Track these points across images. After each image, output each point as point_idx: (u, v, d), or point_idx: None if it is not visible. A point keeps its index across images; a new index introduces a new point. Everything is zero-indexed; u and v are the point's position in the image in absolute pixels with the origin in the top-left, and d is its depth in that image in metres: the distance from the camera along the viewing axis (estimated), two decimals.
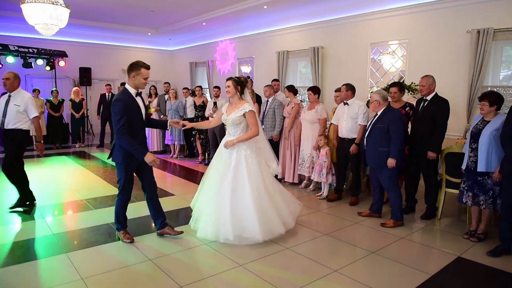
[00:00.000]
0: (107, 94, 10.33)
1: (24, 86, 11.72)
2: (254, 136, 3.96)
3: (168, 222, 4.09)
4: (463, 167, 4.09)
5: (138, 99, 3.68)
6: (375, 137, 4.41)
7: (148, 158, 3.52)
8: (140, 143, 3.61)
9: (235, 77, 4.08)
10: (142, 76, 3.62)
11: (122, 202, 3.80)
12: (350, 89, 5.21)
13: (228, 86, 4.01)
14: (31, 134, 9.75)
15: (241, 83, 4.03)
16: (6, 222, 4.46)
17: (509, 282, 3.24)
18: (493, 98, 3.84)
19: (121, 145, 3.56)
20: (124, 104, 3.47)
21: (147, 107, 3.83)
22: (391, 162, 4.27)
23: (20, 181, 4.89)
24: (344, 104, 5.22)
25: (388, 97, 4.51)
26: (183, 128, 4.17)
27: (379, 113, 4.44)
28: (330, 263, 3.44)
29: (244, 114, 3.92)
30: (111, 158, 3.72)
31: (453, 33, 6.71)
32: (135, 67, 3.61)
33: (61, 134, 10.48)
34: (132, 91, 3.63)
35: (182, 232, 4.01)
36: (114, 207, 3.85)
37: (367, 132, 4.52)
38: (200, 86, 8.69)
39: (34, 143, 9.91)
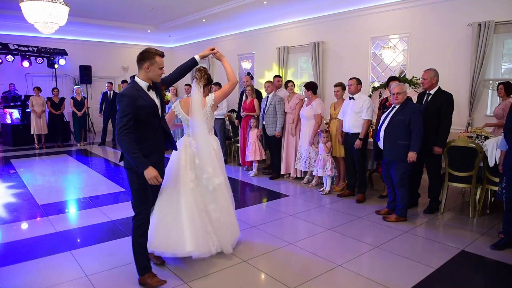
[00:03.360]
0: (108, 92, 10.33)
1: (24, 85, 11.78)
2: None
3: None
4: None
5: (152, 94, 2.98)
6: (395, 130, 4.29)
7: (149, 173, 2.75)
8: (150, 148, 2.92)
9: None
10: (157, 66, 2.95)
11: (138, 226, 2.92)
12: (360, 83, 5.18)
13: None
14: (32, 133, 9.88)
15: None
16: (9, 220, 4.47)
17: None
18: None
19: None
20: (130, 100, 2.76)
21: (164, 97, 3.25)
22: (412, 155, 4.17)
23: None
24: (350, 99, 5.20)
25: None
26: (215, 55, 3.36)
27: (397, 106, 4.33)
28: (334, 258, 3.45)
29: None
30: (122, 162, 3.01)
31: (454, 26, 6.68)
32: (149, 55, 2.91)
33: (62, 132, 10.50)
34: (143, 84, 2.92)
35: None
36: (118, 206, 3.78)
37: (385, 124, 4.39)
38: None
39: (36, 142, 9.96)
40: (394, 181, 4.42)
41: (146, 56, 2.90)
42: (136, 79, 2.95)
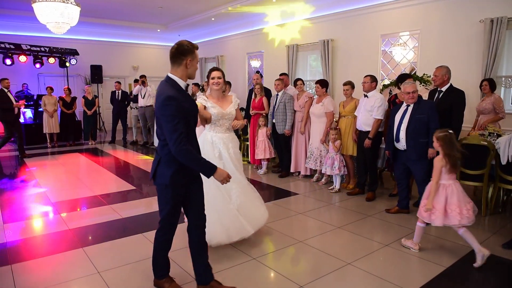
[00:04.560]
0: (117, 91, 10.43)
1: (36, 85, 11.95)
2: None
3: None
4: None
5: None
6: (415, 129, 4.26)
7: (221, 175, 2.55)
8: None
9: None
10: (196, 61, 2.62)
11: (164, 240, 2.75)
12: (375, 80, 5.16)
13: (220, 78, 3.65)
14: (44, 132, 10.01)
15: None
16: (22, 218, 4.55)
17: None
18: None
19: (170, 161, 2.53)
20: (179, 103, 2.43)
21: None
22: (433, 151, 4.14)
23: None
24: (365, 97, 5.18)
25: None
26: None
27: (412, 105, 4.30)
28: (344, 256, 3.44)
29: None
30: (154, 180, 2.66)
31: (466, 22, 6.58)
32: (189, 49, 2.53)
33: (74, 131, 10.63)
34: (182, 84, 2.57)
35: None
36: (129, 204, 3.82)
37: (404, 124, 4.33)
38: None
39: (48, 141, 10.10)
40: (418, 180, 4.37)
41: (187, 50, 2.53)
42: (173, 77, 2.55)
